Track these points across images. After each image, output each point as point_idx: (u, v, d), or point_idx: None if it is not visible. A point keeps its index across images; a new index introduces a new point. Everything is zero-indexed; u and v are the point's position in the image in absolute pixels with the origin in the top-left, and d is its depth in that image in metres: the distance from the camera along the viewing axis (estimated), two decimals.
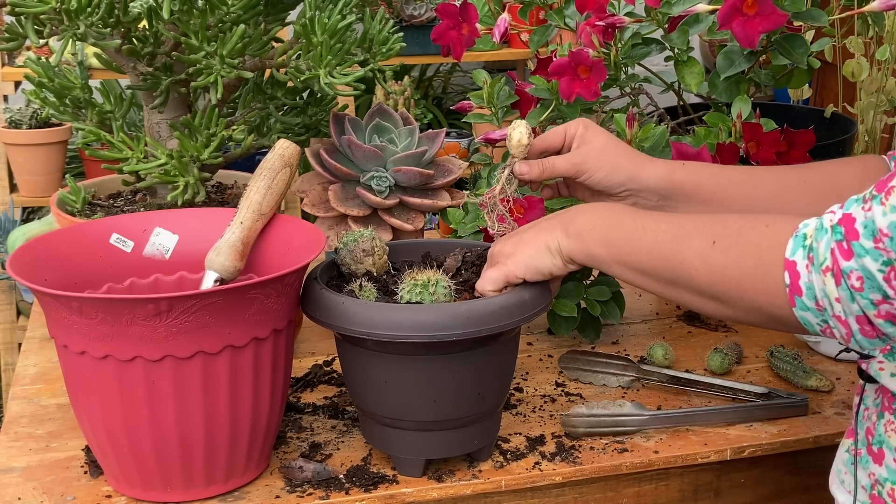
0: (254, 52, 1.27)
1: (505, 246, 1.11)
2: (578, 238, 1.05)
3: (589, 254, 1.05)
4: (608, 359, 1.32)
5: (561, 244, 1.06)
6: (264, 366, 1.06)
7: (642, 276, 1.01)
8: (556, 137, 1.21)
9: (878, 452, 0.97)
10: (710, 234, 0.95)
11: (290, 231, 1.16)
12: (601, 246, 1.04)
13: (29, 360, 1.39)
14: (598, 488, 1.16)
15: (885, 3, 1.36)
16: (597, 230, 1.05)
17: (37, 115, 2.90)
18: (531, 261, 1.07)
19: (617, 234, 1.03)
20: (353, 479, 1.10)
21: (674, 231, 0.98)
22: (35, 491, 1.09)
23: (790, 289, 0.88)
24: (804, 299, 0.87)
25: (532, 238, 1.09)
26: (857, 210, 0.85)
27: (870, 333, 0.87)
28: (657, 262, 0.99)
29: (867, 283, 0.84)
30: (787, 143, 1.42)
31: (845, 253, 0.84)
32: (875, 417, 0.98)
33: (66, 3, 1.17)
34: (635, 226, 1.02)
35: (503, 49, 3.26)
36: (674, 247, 0.97)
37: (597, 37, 1.37)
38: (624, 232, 1.02)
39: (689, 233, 0.97)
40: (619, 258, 1.02)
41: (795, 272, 0.87)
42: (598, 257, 1.04)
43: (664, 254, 0.98)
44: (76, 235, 1.16)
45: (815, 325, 0.89)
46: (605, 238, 1.04)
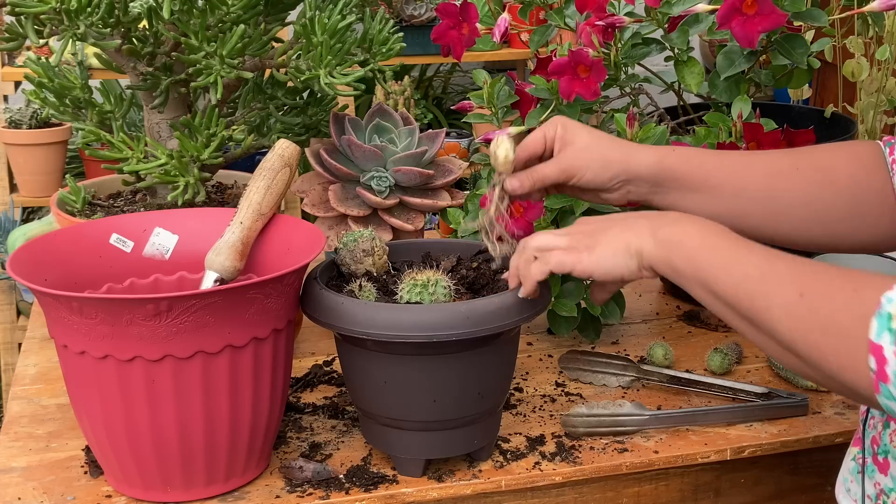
0: (254, 52, 1.27)
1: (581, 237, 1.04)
2: (666, 247, 0.99)
3: (672, 266, 0.98)
4: (608, 359, 1.32)
5: (645, 248, 1.00)
6: (264, 366, 1.06)
7: (722, 306, 0.95)
8: (537, 144, 1.16)
9: (883, 462, 0.96)
10: (800, 284, 0.88)
11: (290, 231, 1.16)
12: (688, 263, 0.97)
13: (29, 360, 1.39)
14: (598, 488, 1.16)
15: (885, 3, 1.36)
16: (687, 244, 0.98)
17: (37, 115, 2.90)
18: (607, 260, 1.02)
19: (707, 257, 0.96)
20: (353, 479, 1.10)
21: (764, 269, 0.91)
22: (35, 491, 1.09)
23: (876, 375, 0.81)
24: (890, 388, 0.80)
25: (615, 235, 1.02)
26: None
27: None
28: (742, 299, 0.92)
29: None
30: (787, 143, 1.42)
31: None
32: (881, 427, 0.97)
33: (66, 3, 1.18)
34: (728, 253, 0.95)
35: (503, 49, 3.26)
36: (761, 288, 0.91)
37: (597, 37, 1.37)
38: (715, 257, 0.95)
39: (780, 277, 0.90)
40: (703, 281, 0.96)
41: (882, 357, 0.80)
42: (681, 272, 0.98)
43: (750, 293, 0.91)
44: (76, 235, 1.16)
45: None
46: (693, 256, 0.97)
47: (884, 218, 1.10)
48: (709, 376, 1.30)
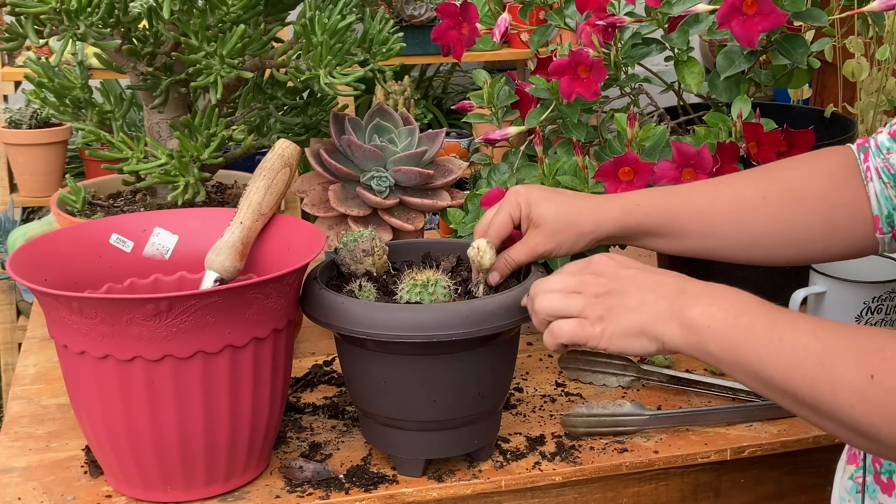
0: (254, 52, 1.27)
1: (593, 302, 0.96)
2: (693, 332, 0.90)
3: (707, 352, 0.89)
4: (608, 359, 1.32)
5: (666, 334, 0.91)
6: (264, 366, 1.06)
7: (776, 393, 0.86)
8: (505, 228, 1.13)
9: (887, 483, 0.92)
10: (867, 365, 0.80)
11: (290, 231, 1.16)
12: (723, 349, 0.88)
13: (29, 360, 1.39)
14: (598, 488, 1.16)
15: (885, 3, 1.36)
16: (717, 328, 0.88)
17: (37, 115, 2.90)
18: (622, 341, 0.94)
19: (745, 341, 0.87)
20: (353, 479, 1.10)
21: (818, 349, 0.83)
22: (35, 491, 1.09)
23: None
24: None
25: (630, 311, 0.94)
26: None
27: None
28: (798, 384, 0.83)
29: None
30: (787, 143, 1.42)
31: None
32: None
33: (66, 3, 1.17)
34: (768, 333, 0.86)
35: (503, 49, 3.26)
36: (821, 372, 0.82)
37: (597, 37, 1.37)
38: (755, 340, 0.86)
39: (840, 357, 0.82)
40: (747, 369, 0.87)
41: None
42: (719, 360, 0.89)
43: (808, 378, 0.83)
44: (76, 235, 1.16)
45: None
46: (729, 342, 0.87)
47: (857, 229, 1.08)
48: (709, 376, 1.30)
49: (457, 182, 1.41)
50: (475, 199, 1.42)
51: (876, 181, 1.06)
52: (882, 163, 1.06)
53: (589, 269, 0.98)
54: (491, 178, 1.47)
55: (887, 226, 1.06)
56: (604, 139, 1.45)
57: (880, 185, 1.06)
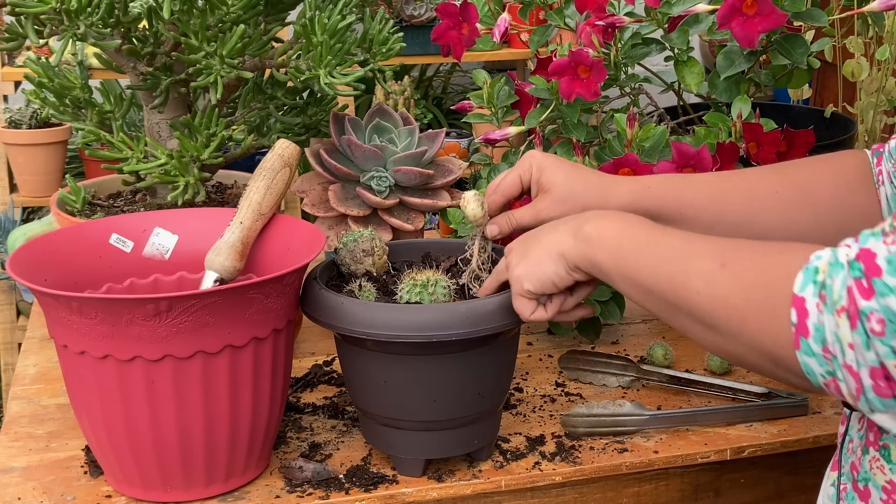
0: (254, 52, 1.27)
1: (513, 255, 1.05)
2: (586, 243, 0.98)
3: (593, 261, 0.98)
4: (608, 359, 1.32)
5: (566, 250, 1.00)
6: (264, 366, 1.06)
7: (645, 295, 0.93)
8: (514, 188, 1.16)
9: (864, 490, 0.91)
10: (721, 256, 0.86)
11: (290, 231, 1.16)
12: (608, 255, 0.96)
13: (29, 360, 1.39)
14: (598, 488, 1.16)
15: (885, 3, 1.36)
16: (606, 238, 0.97)
17: (37, 115, 2.90)
18: (536, 269, 1.02)
19: (626, 246, 0.95)
20: (353, 479, 1.10)
21: (684, 248, 0.90)
22: (35, 491, 1.09)
23: (796, 328, 0.77)
24: (810, 342, 0.77)
25: (538, 244, 1.03)
26: (876, 244, 0.75)
27: (885, 391, 0.75)
28: (663, 281, 0.90)
29: (889, 326, 0.72)
30: (787, 143, 1.42)
31: (865, 291, 0.73)
32: (860, 452, 0.92)
33: (66, 3, 1.18)
34: (647, 240, 0.94)
35: (503, 49, 3.26)
36: (681, 266, 0.89)
37: (597, 37, 1.37)
38: (634, 244, 0.95)
39: (700, 253, 0.88)
40: (624, 272, 0.94)
41: (804, 310, 0.77)
42: (602, 266, 0.97)
43: (670, 272, 0.89)
44: (76, 235, 1.16)
45: (819, 376, 0.78)
46: (613, 247, 0.96)
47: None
48: (709, 376, 1.30)
49: (457, 182, 1.41)
50: None
51: (887, 185, 1.06)
52: (893, 167, 1.05)
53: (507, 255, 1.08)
54: (491, 178, 1.47)
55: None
56: (604, 139, 1.45)
57: (891, 189, 1.05)
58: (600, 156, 1.41)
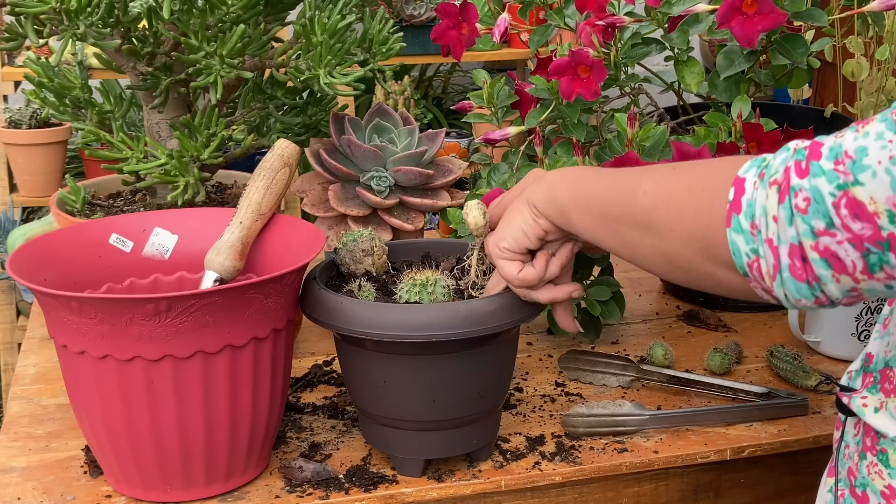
0: (254, 52, 1.27)
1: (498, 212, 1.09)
2: (546, 185, 1.01)
3: (553, 199, 1.00)
4: (608, 359, 1.32)
5: (531, 194, 1.02)
6: (264, 366, 1.06)
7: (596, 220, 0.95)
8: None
9: (862, 496, 0.91)
10: (675, 166, 0.90)
11: (290, 231, 1.16)
12: (567, 189, 0.99)
13: (29, 360, 1.39)
14: (598, 488, 1.16)
15: (885, 2, 1.36)
16: (567, 176, 1.00)
17: (37, 115, 2.90)
18: (506, 226, 1.04)
19: (586, 176, 0.98)
20: (353, 479, 1.10)
21: (641, 169, 0.94)
22: (35, 491, 1.09)
23: (731, 205, 0.80)
24: (741, 217, 0.79)
25: (510, 198, 1.06)
26: (827, 138, 0.78)
27: (800, 273, 0.77)
28: (612, 194, 0.93)
29: (813, 205, 0.75)
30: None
31: (800, 171, 0.76)
32: (857, 457, 0.92)
33: (66, 3, 1.17)
34: (608, 172, 0.97)
35: (503, 49, 3.26)
36: (633, 177, 0.92)
37: (597, 36, 1.37)
38: (595, 175, 0.98)
39: (655, 167, 0.92)
40: (580, 200, 0.97)
41: (741, 188, 0.80)
42: (560, 202, 0.99)
43: (622, 185, 0.92)
44: (76, 235, 1.16)
45: (744, 255, 0.80)
46: (573, 181, 0.99)
47: None
48: (709, 376, 1.30)
49: (457, 182, 1.41)
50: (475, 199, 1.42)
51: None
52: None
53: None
54: (491, 178, 1.47)
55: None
56: (604, 139, 1.45)
57: None
58: (600, 156, 1.41)
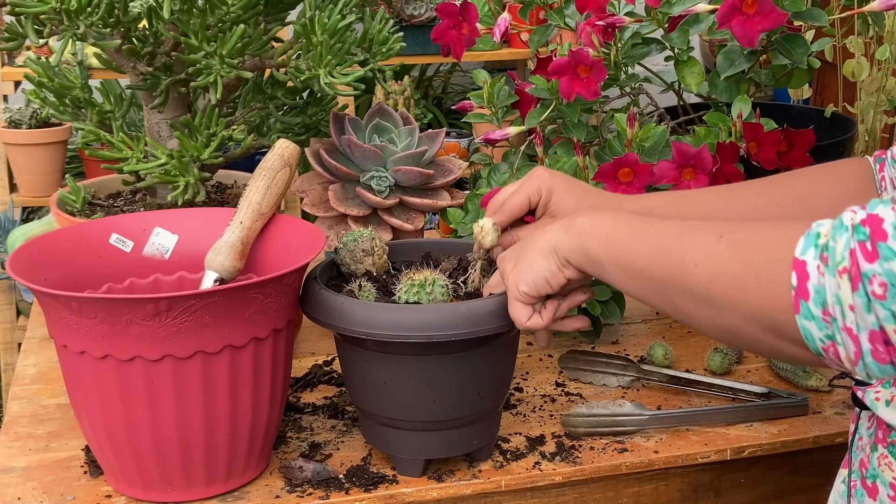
0: (254, 52, 1.27)
1: (506, 262, 1.04)
2: (578, 234, 0.96)
3: (585, 251, 0.96)
4: (608, 359, 1.32)
5: (558, 243, 0.98)
6: (264, 366, 1.06)
7: (636, 279, 0.91)
8: (521, 209, 1.13)
9: (872, 487, 0.92)
10: (719, 230, 0.85)
11: (290, 231, 1.16)
12: (600, 242, 0.94)
13: (29, 360, 1.39)
14: (598, 488, 1.16)
15: (885, 2, 1.36)
16: (598, 227, 0.95)
17: (37, 115, 2.90)
18: (528, 269, 1.00)
19: (620, 230, 0.93)
20: (353, 479, 1.10)
21: (680, 227, 0.89)
22: (35, 491, 1.09)
23: (796, 291, 0.76)
24: (811, 305, 0.76)
25: (532, 247, 1.01)
26: (885, 210, 0.74)
27: (883, 356, 0.75)
28: (656, 258, 0.88)
29: (891, 290, 0.72)
30: (787, 143, 1.42)
31: (869, 254, 0.73)
32: (869, 450, 0.93)
33: (66, 3, 1.17)
34: (641, 225, 0.93)
35: (503, 49, 3.26)
36: (677, 242, 0.87)
37: (597, 36, 1.37)
38: (629, 229, 0.93)
39: (697, 228, 0.87)
40: (616, 258, 0.93)
41: (804, 273, 0.76)
42: (594, 255, 0.95)
43: (665, 250, 0.88)
44: (76, 235, 1.16)
45: (818, 340, 0.77)
46: (606, 234, 0.94)
47: None
48: (709, 376, 1.30)
49: (457, 182, 1.41)
50: (475, 199, 1.42)
51: (890, 191, 1.06)
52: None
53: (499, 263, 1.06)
54: (491, 178, 1.47)
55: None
56: (604, 139, 1.45)
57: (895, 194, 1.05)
58: (600, 155, 1.41)
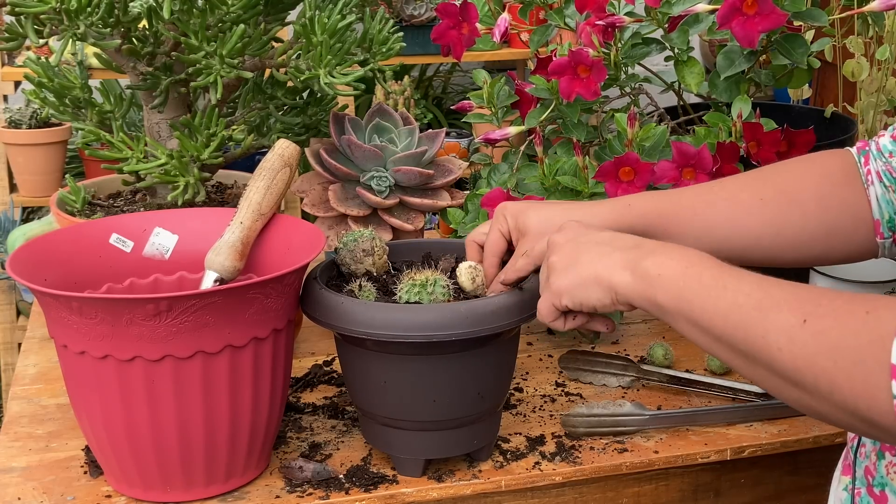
0: (254, 52, 1.27)
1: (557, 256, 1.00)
2: (644, 281, 0.91)
3: (654, 302, 0.91)
4: (608, 359, 1.32)
5: (620, 284, 0.93)
6: (264, 366, 1.06)
7: (714, 342, 0.87)
8: (500, 244, 1.12)
9: (880, 495, 0.91)
10: (801, 310, 0.80)
11: (290, 231, 1.16)
12: (670, 297, 0.89)
13: (29, 360, 1.39)
14: (598, 488, 1.16)
15: (885, 2, 1.36)
16: (667, 276, 0.90)
17: (37, 115, 2.90)
18: (580, 290, 0.96)
19: (691, 287, 0.88)
20: (353, 479, 1.10)
21: (759, 297, 0.83)
22: (35, 491, 1.09)
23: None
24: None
25: (589, 261, 0.96)
26: None
27: None
28: (734, 331, 0.84)
29: None
30: (787, 143, 1.42)
31: None
32: (874, 457, 0.92)
33: (66, 3, 1.17)
34: (714, 282, 0.87)
35: (503, 49, 3.25)
36: (756, 316, 0.82)
37: (597, 36, 1.37)
38: (700, 286, 0.88)
39: (777, 303, 0.82)
40: (689, 316, 0.88)
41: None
42: (664, 308, 0.90)
43: (744, 322, 0.83)
44: (76, 235, 1.16)
45: None
46: (675, 288, 0.89)
47: (857, 233, 1.07)
48: (709, 376, 1.30)
49: (457, 182, 1.41)
50: (475, 199, 1.42)
51: (877, 185, 1.05)
52: (884, 166, 1.05)
53: (550, 251, 1.01)
54: (491, 178, 1.47)
55: (888, 230, 1.06)
56: (604, 139, 1.45)
57: (882, 188, 1.05)
58: (600, 156, 1.41)
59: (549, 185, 1.38)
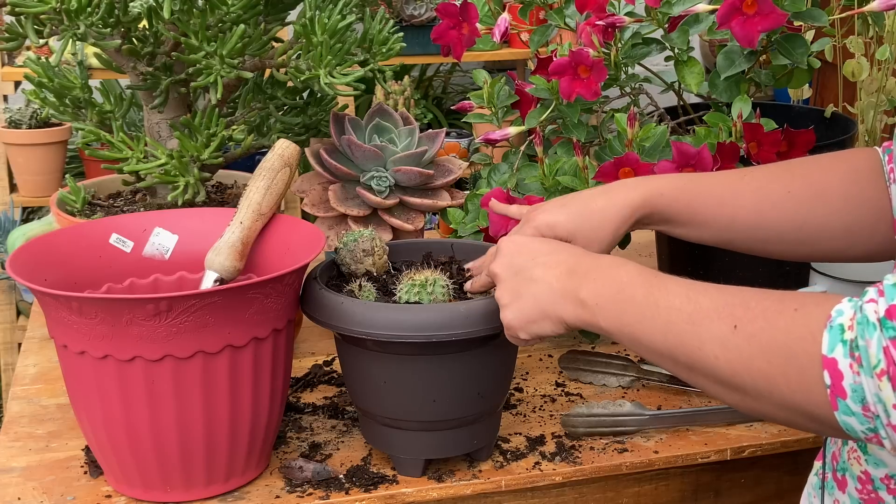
0: (254, 52, 1.27)
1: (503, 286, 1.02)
2: (586, 311, 0.95)
3: (599, 328, 0.94)
4: (608, 359, 1.32)
5: (563, 315, 0.97)
6: (264, 366, 1.06)
7: (659, 357, 0.89)
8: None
9: (842, 479, 0.93)
10: (731, 316, 0.82)
11: (290, 231, 1.16)
12: (611, 323, 0.93)
13: (29, 360, 1.39)
14: (598, 488, 1.16)
15: (885, 3, 1.36)
16: (604, 305, 0.93)
17: (37, 115, 2.90)
18: (531, 325, 1.00)
19: (628, 311, 0.91)
20: (353, 479, 1.10)
21: (689, 310, 0.86)
22: (35, 491, 1.09)
23: (832, 390, 0.75)
24: (849, 403, 0.74)
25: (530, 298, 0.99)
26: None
27: None
28: (673, 346, 0.86)
29: None
30: (787, 143, 1.42)
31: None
32: (840, 443, 0.94)
33: (66, 3, 1.17)
34: (646, 301, 0.89)
35: (503, 49, 3.25)
36: (690, 329, 0.85)
37: (597, 36, 1.37)
38: (635, 308, 0.90)
39: (707, 314, 0.84)
40: (631, 336, 0.91)
41: (837, 372, 0.74)
42: (609, 332, 0.94)
43: (680, 337, 0.86)
44: (76, 235, 1.16)
45: (860, 433, 0.76)
46: (614, 314, 0.92)
47: (878, 231, 1.07)
48: None
49: (457, 182, 1.41)
50: (475, 199, 1.42)
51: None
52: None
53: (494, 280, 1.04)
54: (491, 178, 1.47)
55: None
56: (604, 139, 1.45)
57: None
58: (600, 156, 1.41)
59: (549, 186, 1.38)
